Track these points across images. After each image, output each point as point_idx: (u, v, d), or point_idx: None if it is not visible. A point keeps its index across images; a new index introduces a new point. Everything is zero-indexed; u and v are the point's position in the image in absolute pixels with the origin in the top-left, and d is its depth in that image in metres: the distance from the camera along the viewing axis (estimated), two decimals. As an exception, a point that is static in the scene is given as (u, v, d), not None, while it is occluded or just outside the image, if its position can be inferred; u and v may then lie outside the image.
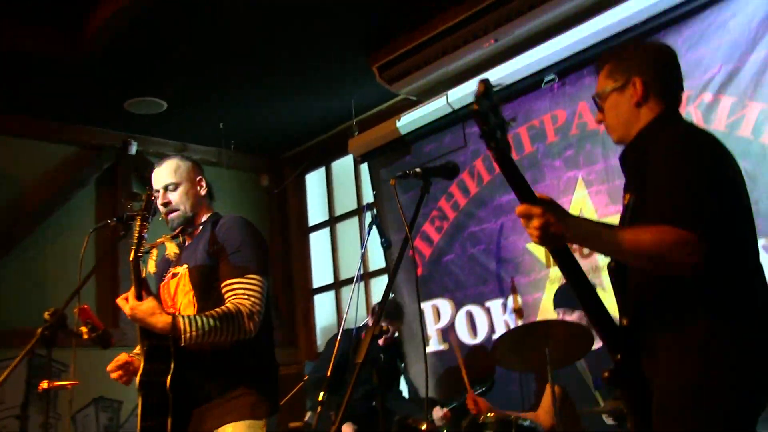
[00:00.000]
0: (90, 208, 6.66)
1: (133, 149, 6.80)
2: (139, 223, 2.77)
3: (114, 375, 2.89)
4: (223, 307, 2.74)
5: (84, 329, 2.94)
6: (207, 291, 2.87)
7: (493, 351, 4.12)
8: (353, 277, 6.03)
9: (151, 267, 2.96)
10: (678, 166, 2.11)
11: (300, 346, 7.32)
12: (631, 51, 2.45)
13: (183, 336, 2.63)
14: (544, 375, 3.91)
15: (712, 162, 2.13)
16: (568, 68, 5.08)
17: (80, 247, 3.46)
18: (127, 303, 2.68)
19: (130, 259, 2.74)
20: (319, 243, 7.57)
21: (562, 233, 1.96)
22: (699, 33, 4.55)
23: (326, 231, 7.50)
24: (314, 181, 7.73)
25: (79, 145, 6.65)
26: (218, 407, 2.79)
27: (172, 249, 2.99)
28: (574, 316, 4.17)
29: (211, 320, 2.67)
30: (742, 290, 2.10)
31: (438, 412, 4.80)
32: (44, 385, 3.94)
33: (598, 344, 3.87)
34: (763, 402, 2.07)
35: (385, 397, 5.22)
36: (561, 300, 4.36)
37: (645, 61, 2.37)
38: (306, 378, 5.35)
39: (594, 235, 2.05)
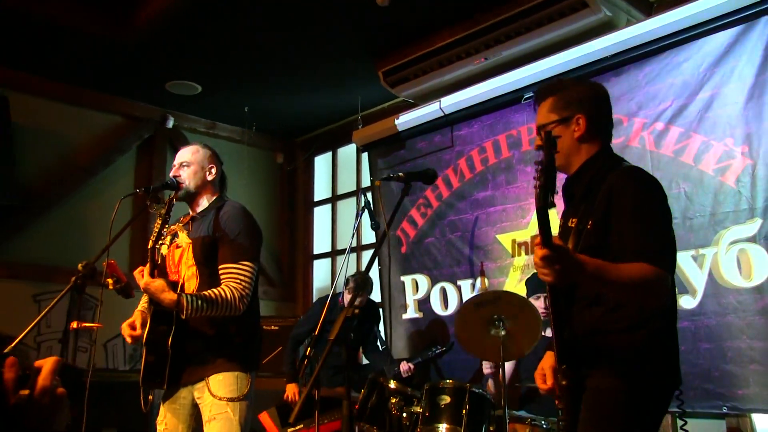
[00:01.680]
0: (130, 171, 6.62)
1: (170, 123, 6.76)
2: (159, 222, 2.80)
3: (125, 334, 2.95)
4: (219, 289, 2.80)
5: (110, 281, 2.96)
6: (206, 265, 2.92)
7: (454, 322, 4.13)
8: (343, 249, 6.04)
9: (164, 250, 3.04)
10: (644, 206, 2.07)
11: (298, 303, 7.32)
12: (572, 88, 2.32)
13: (185, 311, 2.72)
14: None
15: (665, 202, 2.13)
16: None
17: (123, 208, 3.50)
18: (143, 278, 2.75)
19: (149, 246, 2.81)
20: (321, 216, 7.53)
21: (575, 275, 1.88)
22: (657, 70, 4.53)
23: (328, 207, 7.45)
24: (321, 163, 7.67)
25: (124, 116, 6.61)
26: (210, 362, 2.87)
27: (183, 239, 3.02)
28: (539, 303, 4.18)
29: (208, 300, 2.75)
30: (667, 309, 2.12)
31: (404, 366, 4.89)
32: (74, 325, 3.99)
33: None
34: (668, 402, 2.12)
35: (356, 366, 5.28)
36: (530, 288, 4.39)
37: (587, 100, 2.28)
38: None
39: (598, 277, 1.93)
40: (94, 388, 5.06)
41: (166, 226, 2.86)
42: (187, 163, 3.09)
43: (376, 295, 6.20)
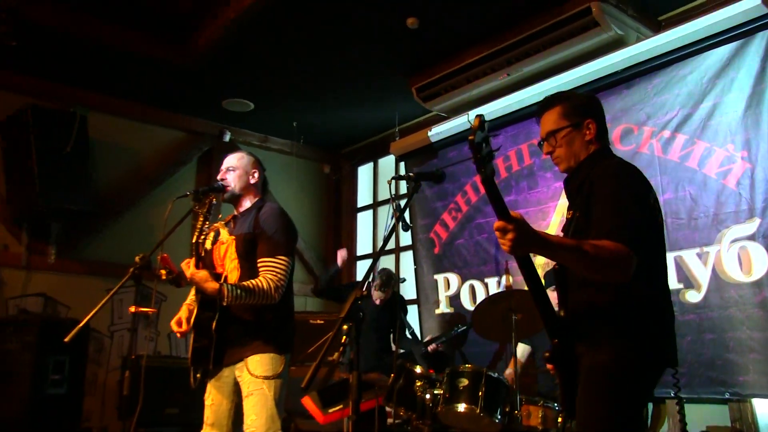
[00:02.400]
0: (191, 180, 6.94)
1: (227, 137, 7.02)
2: (201, 220, 3.02)
3: (175, 329, 3.12)
4: (257, 280, 2.97)
5: (163, 272, 3.07)
6: (247, 258, 3.08)
7: (473, 319, 4.34)
8: (390, 249, 6.31)
9: (207, 245, 3.21)
10: (616, 191, 2.13)
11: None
12: (576, 97, 2.42)
13: (225, 299, 2.90)
14: (508, 341, 4.12)
15: (640, 189, 2.19)
16: None
17: (181, 208, 3.73)
18: (188, 269, 2.95)
19: (193, 241, 3.05)
20: (363, 221, 7.71)
21: (530, 245, 1.92)
22: (665, 82, 4.69)
23: (370, 212, 7.64)
24: (364, 172, 7.86)
25: (185, 131, 6.90)
26: (248, 345, 3.02)
27: (225, 236, 3.19)
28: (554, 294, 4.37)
29: (246, 290, 2.91)
30: (653, 290, 2.17)
31: (431, 346, 5.20)
32: (132, 309, 4.26)
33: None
34: (656, 378, 2.17)
35: (389, 350, 5.57)
36: (547, 281, 4.59)
37: (592, 106, 2.40)
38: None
39: (553, 247, 1.99)
40: (158, 372, 5.49)
41: (207, 223, 3.08)
42: (233, 167, 3.25)
43: (413, 291, 6.52)
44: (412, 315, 6.63)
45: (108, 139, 6.38)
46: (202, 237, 3.10)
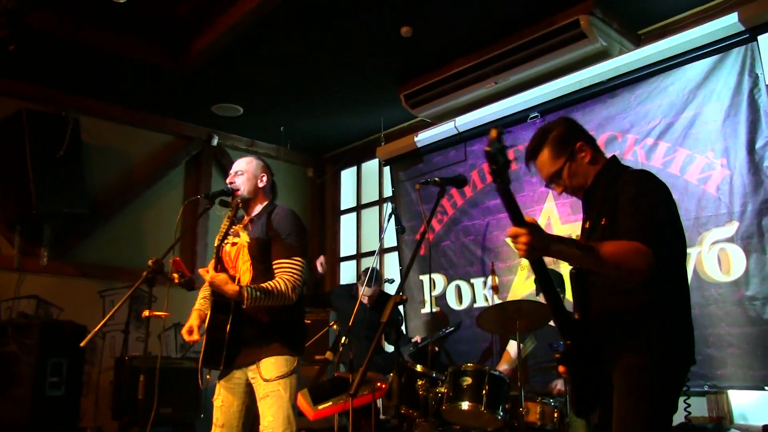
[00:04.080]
0: (180, 182, 6.82)
1: (215, 141, 6.91)
2: (227, 223, 2.94)
3: (186, 338, 3.06)
4: (275, 282, 2.92)
5: (176, 275, 3.04)
6: (260, 261, 3.04)
7: (478, 318, 4.29)
8: (372, 251, 6.25)
9: (227, 248, 3.12)
10: (639, 195, 2.14)
11: (327, 300, 7.52)
12: (553, 131, 2.35)
13: (245, 301, 2.83)
14: (511, 337, 4.11)
15: (663, 194, 2.20)
16: (548, 109, 5.24)
17: (170, 211, 3.63)
18: (208, 273, 2.88)
19: (215, 245, 2.96)
20: (347, 223, 7.65)
21: (543, 249, 1.91)
22: (647, 92, 4.74)
23: (353, 215, 7.55)
24: (347, 176, 7.78)
25: (175, 134, 6.79)
26: (264, 347, 2.97)
27: (244, 237, 3.10)
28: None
29: (265, 292, 2.87)
30: (680, 291, 2.18)
31: (417, 338, 5.23)
32: (146, 313, 4.12)
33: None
34: (683, 380, 2.18)
35: (380, 350, 5.54)
36: (538, 286, 4.56)
37: (573, 130, 2.36)
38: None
39: (568, 249, 1.97)
40: (152, 373, 5.33)
41: (233, 227, 3.02)
42: (242, 171, 3.20)
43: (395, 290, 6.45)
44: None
45: (100, 143, 6.22)
46: (226, 241, 3.01)
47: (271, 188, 3.31)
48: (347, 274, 7.58)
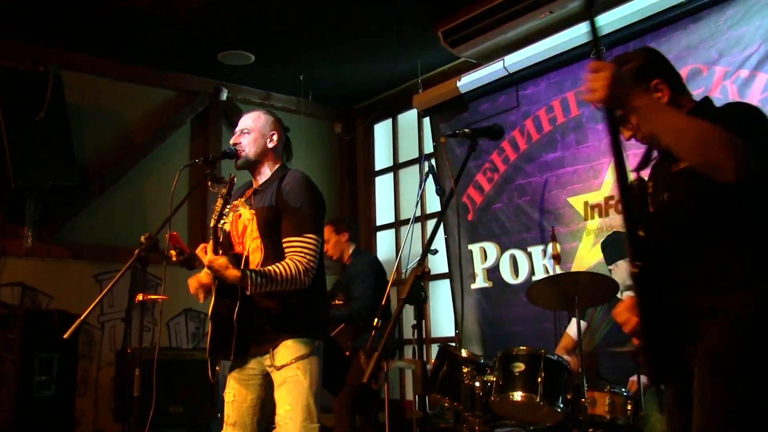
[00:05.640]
0: (185, 145, 6.80)
1: (224, 95, 6.87)
2: (221, 202, 2.90)
3: (192, 289, 3.08)
4: (284, 264, 2.90)
5: (173, 252, 3.05)
6: (270, 237, 3.02)
7: (528, 291, 4.23)
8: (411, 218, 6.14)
9: (226, 227, 3.12)
10: (746, 116, 2.06)
11: (361, 277, 7.48)
12: (627, 66, 2.21)
13: (249, 287, 2.83)
14: (572, 314, 4.01)
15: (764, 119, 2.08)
16: (615, 41, 5.00)
17: (179, 185, 3.62)
18: (206, 255, 2.86)
19: (211, 225, 2.91)
20: (383, 186, 7.63)
21: (624, 96, 1.92)
22: (742, 12, 4.48)
23: (390, 176, 7.53)
24: (381, 131, 7.71)
25: (178, 90, 6.74)
26: (276, 334, 2.98)
27: (245, 215, 3.10)
28: (621, 267, 4.17)
29: (272, 276, 2.85)
30: None
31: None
32: (140, 297, 4.18)
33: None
34: None
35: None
36: (608, 255, 4.37)
37: (649, 65, 2.23)
38: None
39: (655, 107, 2.00)
40: (160, 366, 5.37)
41: (227, 206, 2.97)
42: (248, 129, 3.17)
43: (443, 266, 6.34)
44: (444, 292, 6.50)
45: (89, 103, 6.22)
46: (222, 221, 2.97)
47: (284, 148, 3.28)
48: (384, 245, 7.56)
